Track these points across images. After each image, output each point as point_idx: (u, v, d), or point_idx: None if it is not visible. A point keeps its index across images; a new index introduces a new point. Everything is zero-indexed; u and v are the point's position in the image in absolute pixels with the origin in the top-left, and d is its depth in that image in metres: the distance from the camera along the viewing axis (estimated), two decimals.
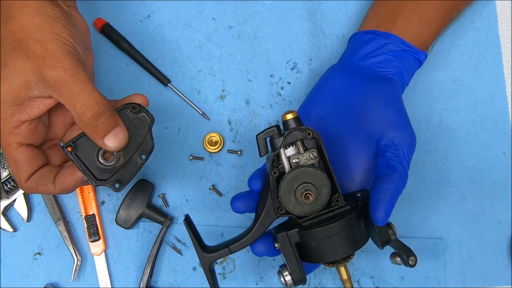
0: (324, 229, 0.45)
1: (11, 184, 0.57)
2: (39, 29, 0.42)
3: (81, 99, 0.42)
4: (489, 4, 0.62)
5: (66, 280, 0.56)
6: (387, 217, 0.45)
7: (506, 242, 0.58)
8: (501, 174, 0.59)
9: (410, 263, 0.45)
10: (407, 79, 0.54)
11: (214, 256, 0.47)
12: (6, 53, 0.42)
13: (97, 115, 0.42)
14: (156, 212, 0.56)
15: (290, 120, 0.46)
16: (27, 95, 0.42)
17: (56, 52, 0.41)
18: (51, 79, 0.41)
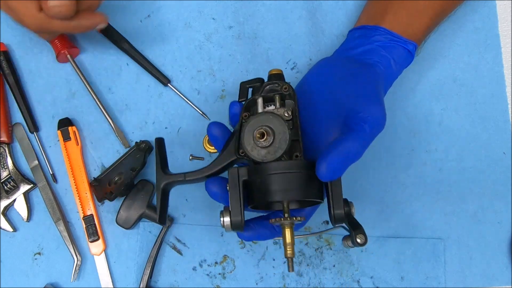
0: (273, 164, 0.44)
1: (11, 184, 0.57)
2: None
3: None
4: (489, 4, 0.62)
5: (66, 280, 0.56)
6: (331, 173, 0.43)
7: (506, 242, 0.58)
8: (501, 174, 0.59)
9: (358, 241, 0.43)
10: (396, 69, 0.53)
11: (170, 177, 0.47)
12: None
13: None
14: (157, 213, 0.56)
15: (273, 74, 0.48)
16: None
17: None
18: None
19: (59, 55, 0.58)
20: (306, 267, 0.57)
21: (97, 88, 0.60)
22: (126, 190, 0.56)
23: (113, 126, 0.58)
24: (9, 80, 0.59)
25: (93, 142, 0.59)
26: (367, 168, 0.59)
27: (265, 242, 0.57)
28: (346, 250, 0.57)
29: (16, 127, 0.59)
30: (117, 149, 0.59)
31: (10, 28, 0.61)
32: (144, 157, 0.55)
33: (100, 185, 0.56)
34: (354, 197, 0.58)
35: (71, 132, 0.58)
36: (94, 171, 0.59)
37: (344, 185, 0.58)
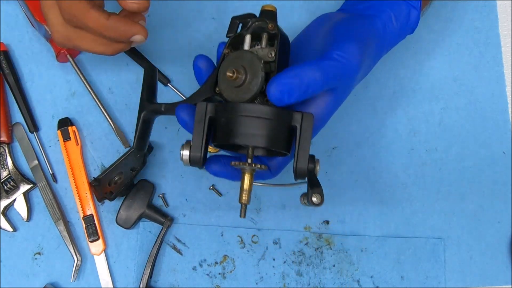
0: (242, 106, 0.42)
1: (11, 184, 0.57)
2: None
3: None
4: (489, 3, 0.62)
5: (66, 280, 0.56)
6: (280, 92, 0.41)
7: (506, 242, 0.58)
8: (501, 174, 0.59)
9: (314, 199, 0.42)
10: (397, 26, 0.49)
11: (149, 106, 0.49)
12: None
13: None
14: (157, 213, 0.56)
15: (265, 10, 0.47)
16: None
17: None
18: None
19: (59, 55, 0.58)
20: (306, 267, 0.57)
21: (97, 88, 0.60)
22: (126, 190, 0.56)
23: (113, 126, 0.58)
24: (9, 80, 0.59)
25: (93, 142, 0.59)
26: (366, 168, 0.59)
27: (264, 242, 0.57)
28: (346, 250, 0.57)
29: (16, 127, 0.59)
30: (117, 149, 0.59)
31: (10, 28, 0.61)
32: (144, 157, 0.55)
33: (100, 185, 0.56)
34: (354, 197, 0.58)
35: (71, 132, 0.58)
36: (94, 171, 0.59)
37: (344, 185, 0.59)
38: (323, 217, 0.58)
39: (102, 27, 0.44)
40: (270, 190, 0.58)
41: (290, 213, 0.58)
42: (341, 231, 0.58)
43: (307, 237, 0.57)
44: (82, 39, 0.46)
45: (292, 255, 0.57)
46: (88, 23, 0.44)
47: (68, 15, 0.44)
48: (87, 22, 0.44)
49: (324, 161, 0.59)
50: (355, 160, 0.59)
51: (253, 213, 0.58)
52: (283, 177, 0.53)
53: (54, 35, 0.46)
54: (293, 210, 0.58)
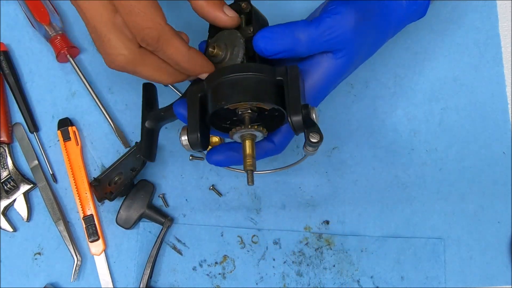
0: (224, 69, 0.43)
1: (11, 184, 0.57)
2: None
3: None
4: (490, 3, 0.62)
5: (66, 280, 0.56)
6: (263, 39, 0.42)
7: (506, 242, 0.58)
8: (501, 174, 0.59)
9: (312, 139, 0.40)
10: (407, 4, 0.48)
11: (150, 115, 0.50)
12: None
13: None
14: (157, 213, 0.56)
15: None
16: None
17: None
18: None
19: (59, 55, 0.58)
20: (306, 267, 0.57)
21: (97, 88, 0.60)
22: (126, 190, 0.56)
23: (113, 126, 0.58)
24: (9, 80, 0.59)
25: (93, 142, 0.59)
26: (367, 168, 0.59)
27: (264, 242, 0.57)
28: (346, 250, 0.57)
29: (16, 127, 0.59)
30: (117, 149, 0.59)
31: (10, 28, 0.61)
32: None
33: (100, 185, 0.56)
34: (354, 197, 0.58)
35: (71, 132, 0.58)
36: (94, 171, 0.59)
37: (344, 185, 0.59)
38: (323, 217, 0.58)
39: (182, 56, 0.41)
40: (270, 190, 0.58)
41: (290, 213, 0.58)
42: (341, 231, 0.58)
43: (307, 237, 0.57)
44: (147, 65, 0.42)
45: (292, 255, 0.57)
46: (169, 50, 0.40)
47: (148, 37, 0.39)
48: (169, 48, 0.40)
49: (324, 161, 0.59)
50: (355, 160, 0.59)
51: (253, 213, 0.58)
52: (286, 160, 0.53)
53: (117, 58, 0.40)
54: (293, 210, 0.58)
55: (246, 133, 0.43)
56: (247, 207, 0.58)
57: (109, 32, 0.40)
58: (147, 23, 0.39)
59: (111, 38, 0.40)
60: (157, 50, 0.40)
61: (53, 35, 0.58)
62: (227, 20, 0.43)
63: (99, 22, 0.40)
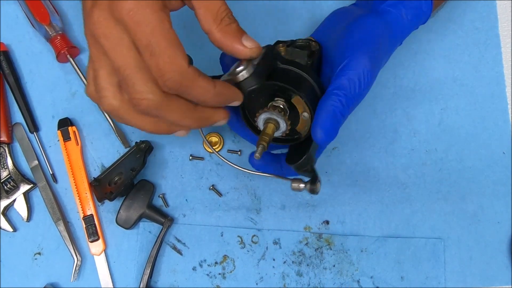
0: (294, 62, 0.46)
1: (11, 184, 0.57)
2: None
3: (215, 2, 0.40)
4: (489, 4, 0.62)
5: (66, 280, 0.56)
6: (328, 134, 0.43)
7: (506, 242, 0.58)
8: (501, 174, 0.59)
9: (316, 188, 0.44)
10: (409, 18, 0.50)
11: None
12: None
13: (230, 16, 0.40)
14: (157, 213, 0.56)
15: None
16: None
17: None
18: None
19: (59, 55, 0.58)
20: (306, 267, 0.57)
21: None
22: (126, 190, 0.56)
23: (113, 126, 0.58)
24: (9, 80, 0.59)
25: (93, 142, 0.59)
26: (367, 168, 0.59)
27: (264, 242, 0.57)
28: (346, 250, 0.57)
29: (16, 127, 0.59)
30: (117, 149, 0.59)
31: (10, 28, 0.61)
32: (144, 157, 0.55)
33: (100, 185, 0.56)
34: (354, 197, 0.58)
35: (71, 132, 0.58)
36: (94, 171, 0.59)
37: (344, 185, 0.59)
38: (323, 217, 0.58)
39: (209, 95, 0.40)
40: (270, 191, 0.58)
41: (290, 213, 0.58)
42: (341, 231, 0.58)
43: (307, 237, 0.57)
44: (173, 110, 0.39)
45: (292, 255, 0.57)
46: (194, 92, 0.39)
47: (170, 82, 0.37)
48: (193, 90, 0.39)
49: (324, 161, 0.59)
50: (355, 160, 0.59)
51: (253, 213, 0.58)
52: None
53: (142, 102, 0.38)
54: (293, 210, 0.58)
55: (273, 117, 0.44)
56: (247, 207, 0.58)
57: (134, 75, 0.37)
58: (169, 66, 0.37)
59: (136, 82, 0.37)
60: (180, 93, 0.39)
61: (53, 35, 0.58)
62: (247, 53, 0.41)
63: (125, 64, 0.37)
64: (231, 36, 0.40)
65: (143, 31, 0.36)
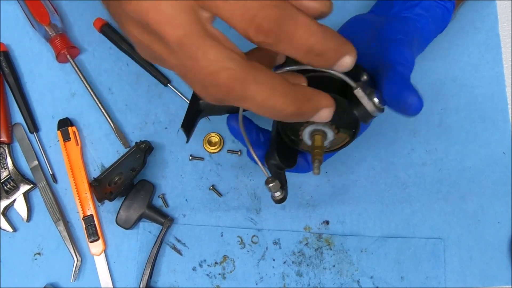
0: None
1: (11, 184, 0.57)
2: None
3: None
4: (489, 4, 0.62)
5: (66, 280, 0.56)
6: (421, 99, 0.37)
7: (506, 242, 0.58)
8: (501, 174, 0.59)
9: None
10: (434, 26, 0.51)
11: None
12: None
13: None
14: (157, 213, 0.56)
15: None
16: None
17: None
18: None
19: (59, 55, 0.58)
20: (306, 267, 0.57)
21: (97, 88, 0.60)
22: (126, 191, 0.56)
23: (113, 126, 0.58)
24: (9, 80, 0.59)
25: (93, 142, 0.59)
26: (367, 168, 0.59)
27: (264, 242, 0.57)
28: (346, 250, 0.57)
29: (16, 127, 0.59)
30: (117, 149, 0.59)
31: (10, 28, 0.61)
32: (144, 157, 0.55)
33: (100, 185, 0.56)
34: (354, 197, 0.58)
35: (71, 132, 0.58)
36: (94, 171, 0.59)
37: (345, 185, 0.59)
38: (323, 217, 0.58)
39: (315, 37, 0.30)
40: None
41: (290, 213, 0.58)
42: (341, 232, 0.58)
43: (307, 237, 0.57)
44: (261, 83, 0.30)
45: (292, 255, 0.57)
46: (298, 32, 0.30)
47: (266, 21, 0.29)
48: (297, 30, 0.30)
49: (324, 161, 0.59)
50: (355, 160, 0.59)
51: (253, 213, 0.58)
52: None
53: (220, 75, 0.29)
54: (293, 211, 0.58)
55: (318, 128, 0.42)
56: (247, 207, 0.58)
57: (204, 41, 0.29)
58: (261, 3, 0.28)
59: (208, 50, 0.29)
60: (280, 39, 0.30)
61: (53, 35, 0.58)
62: (319, 8, 0.32)
63: (188, 31, 0.29)
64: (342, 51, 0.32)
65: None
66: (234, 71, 0.29)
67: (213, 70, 0.29)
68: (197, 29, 0.29)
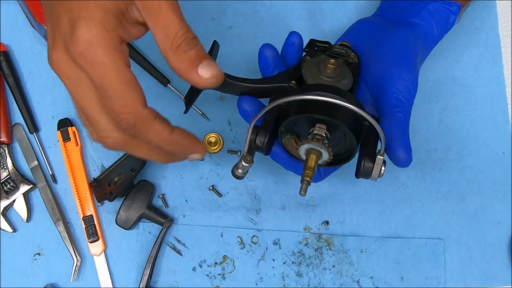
0: (323, 85, 0.44)
1: (10, 185, 0.57)
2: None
3: (172, 24, 0.38)
4: (489, 4, 0.62)
5: (66, 280, 0.56)
6: (409, 151, 0.43)
7: (506, 242, 0.58)
8: (501, 174, 0.59)
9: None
10: (437, 32, 0.52)
11: None
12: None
13: (189, 42, 0.37)
14: (156, 213, 0.56)
15: (342, 43, 0.50)
16: (127, 10, 0.37)
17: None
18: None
19: None
20: (306, 267, 0.57)
21: None
22: (125, 191, 0.56)
23: None
24: (9, 81, 0.59)
25: (93, 143, 0.59)
26: None
27: (264, 242, 0.57)
28: (346, 250, 0.57)
29: (15, 128, 0.59)
30: None
31: (10, 28, 0.61)
32: None
33: (99, 185, 0.56)
34: (354, 197, 0.58)
35: (70, 133, 0.58)
36: (93, 171, 0.59)
37: (344, 185, 0.59)
38: (323, 217, 0.58)
39: (164, 141, 0.39)
40: (270, 191, 0.58)
41: (290, 213, 0.58)
42: (341, 232, 0.58)
43: (307, 237, 0.57)
44: (138, 147, 0.40)
45: (292, 255, 0.57)
46: (148, 135, 0.38)
47: (127, 125, 0.37)
48: (148, 134, 0.38)
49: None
50: (355, 160, 0.59)
51: (253, 214, 0.58)
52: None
53: (107, 140, 0.38)
54: (293, 211, 0.58)
55: (315, 148, 0.43)
56: (247, 208, 0.58)
57: (97, 114, 0.37)
58: (123, 108, 0.36)
59: (99, 121, 0.38)
60: (135, 136, 0.38)
61: None
62: (202, 83, 0.38)
63: (87, 104, 0.37)
64: (186, 64, 0.37)
65: (96, 73, 0.36)
66: (116, 139, 0.38)
67: (103, 135, 0.38)
68: (95, 103, 0.37)
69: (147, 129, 0.37)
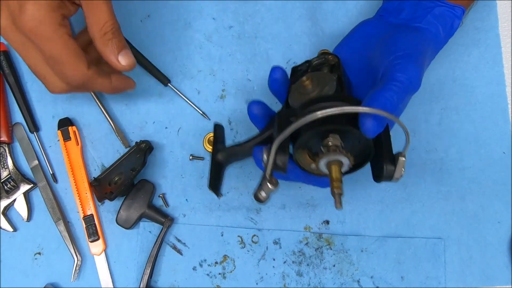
0: (323, 97, 0.44)
1: (11, 184, 0.57)
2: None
3: (104, 15, 0.46)
4: (489, 3, 0.62)
5: (66, 280, 0.56)
6: (377, 128, 0.42)
7: (506, 242, 0.58)
8: (501, 174, 0.59)
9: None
10: (443, 36, 0.52)
11: (222, 147, 0.50)
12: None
13: (114, 32, 0.47)
14: (157, 213, 0.56)
15: (322, 53, 0.52)
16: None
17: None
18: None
19: None
20: (306, 267, 0.57)
21: None
22: (126, 190, 0.56)
23: (113, 126, 0.58)
24: (9, 80, 0.59)
25: (93, 142, 0.59)
26: (367, 168, 0.59)
27: (264, 242, 0.57)
28: (346, 250, 0.57)
29: (16, 127, 0.59)
30: (117, 149, 0.59)
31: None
32: (144, 157, 0.55)
33: (100, 185, 0.56)
34: (354, 197, 0.58)
35: (71, 132, 0.58)
36: (94, 171, 0.59)
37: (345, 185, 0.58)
38: (323, 217, 0.58)
39: (107, 89, 0.51)
40: None
41: (290, 213, 0.58)
42: (341, 231, 0.58)
43: (307, 237, 0.57)
44: (85, 90, 0.51)
45: (292, 255, 0.57)
46: (95, 88, 0.50)
47: (77, 84, 0.48)
48: (94, 87, 0.50)
49: None
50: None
51: (253, 213, 0.58)
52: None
53: (54, 89, 0.49)
54: (293, 210, 0.58)
55: (335, 159, 0.42)
56: (247, 207, 0.58)
57: (44, 71, 0.48)
58: (72, 72, 0.47)
59: (45, 76, 0.48)
60: (85, 88, 0.50)
61: None
62: (119, 67, 0.49)
63: (34, 63, 0.48)
64: (109, 50, 0.48)
65: (47, 46, 0.45)
66: (64, 90, 0.49)
67: (50, 87, 0.49)
68: (42, 65, 0.48)
69: (92, 84, 0.49)
